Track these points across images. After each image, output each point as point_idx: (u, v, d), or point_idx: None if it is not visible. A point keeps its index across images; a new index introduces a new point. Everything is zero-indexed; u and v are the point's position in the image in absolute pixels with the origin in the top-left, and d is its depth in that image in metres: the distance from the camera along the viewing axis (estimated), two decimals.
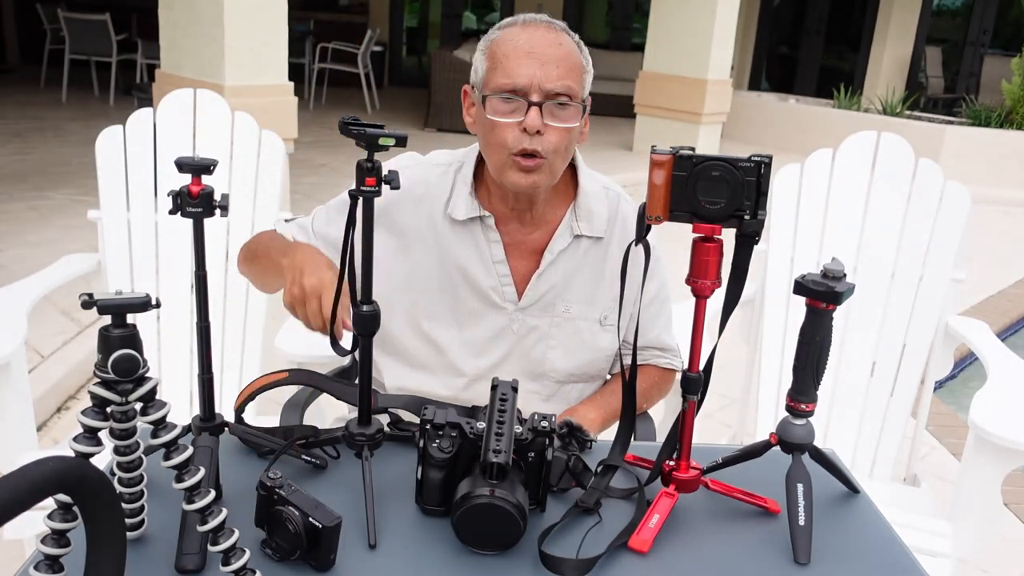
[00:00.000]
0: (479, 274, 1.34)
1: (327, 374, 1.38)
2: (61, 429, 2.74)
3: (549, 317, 1.36)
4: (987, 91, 10.69)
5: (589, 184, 1.37)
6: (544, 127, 1.22)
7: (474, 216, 1.33)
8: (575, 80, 1.24)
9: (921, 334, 1.99)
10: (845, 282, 0.97)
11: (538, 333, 1.36)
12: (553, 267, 1.35)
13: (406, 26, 12.46)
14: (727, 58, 7.55)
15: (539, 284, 1.35)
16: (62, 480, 0.58)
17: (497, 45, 1.25)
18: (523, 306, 1.35)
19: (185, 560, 0.86)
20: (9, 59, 10.70)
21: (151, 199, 2.05)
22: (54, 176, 5.49)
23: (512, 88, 1.22)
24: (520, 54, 1.22)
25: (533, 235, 1.35)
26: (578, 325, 1.37)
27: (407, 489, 1.01)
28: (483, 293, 1.34)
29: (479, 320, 1.36)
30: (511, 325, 1.36)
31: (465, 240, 1.34)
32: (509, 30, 1.26)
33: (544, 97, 1.21)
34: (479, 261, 1.34)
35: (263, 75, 4.62)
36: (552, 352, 1.37)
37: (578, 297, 1.37)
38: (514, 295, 1.35)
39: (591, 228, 1.36)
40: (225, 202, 0.92)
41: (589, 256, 1.37)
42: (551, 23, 1.26)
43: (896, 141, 2.05)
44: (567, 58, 1.23)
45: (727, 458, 1.08)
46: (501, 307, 1.35)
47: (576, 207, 1.35)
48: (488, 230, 1.33)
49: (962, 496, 1.61)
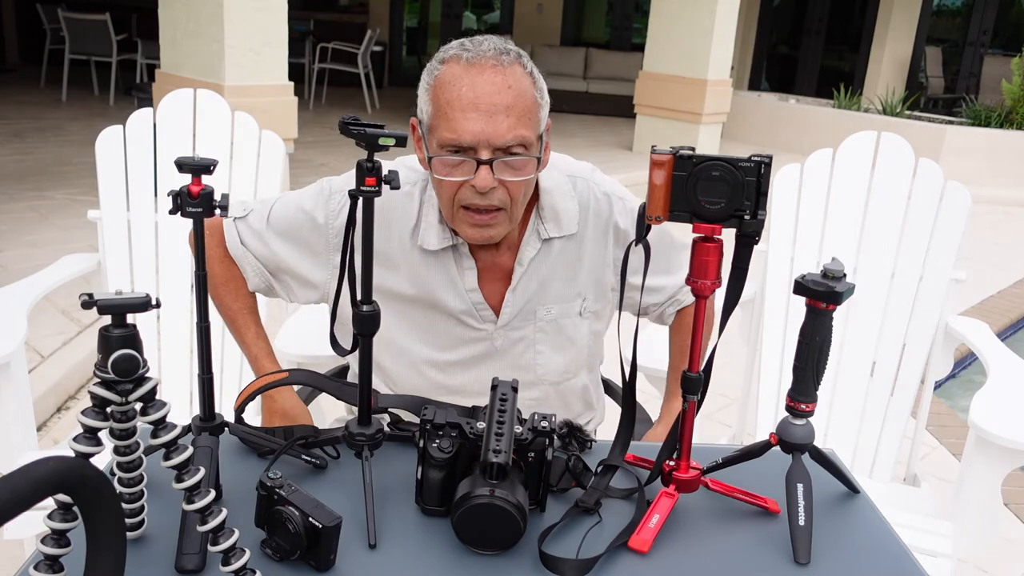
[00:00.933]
0: (452, 302, 1.29)
1: (325, 374, 1.38)
2: (61, 429, 2.74)
3: (532, 324, 1.33)
4: (987, 91, 10.68)
5: (550, 181, 1.29)
6: (497, 183, 1.15)
7: (446, 246, 1.27)
8: (528, 126, 1.14)
9: (921, 334, 1.99)
10: (845, 282, 0.97)
11: (524, 343, 1.34)
12: (527, 277, 1.30)
13: (406, 26, 12.46)
14: (727, 58, 7.55)
15: (515, 298, 1.31)
16: (62, 480, 0.58)
17: (440, 88, 1.15)
18: (503, 323, 1.32)
19: (185, 560, 0.86)
20: (9, 59, 10.70)
21: (151, 199, 2.05)
22: (54, 176, 5.49)
23: (458, 144, 1.13)
24: (464, 105, 1.12)
25: (504, 255, 1.30)
26: (561, 324, 1.34)
27: (407, 489, 1.01)
28: (459, 319, 1.31)
29: (459, 344, 1.32)
30: (494, 343, 1.33)
31: (436, 269, 1.28)
32: (452, 69, 1.15)
33: (495, 152, 1.13)
34: (452, 290, 1.29)
35: (263, 75, 4.62)
36: (541, 356, 1.35)
37: (558, 296, 1.33)
38: (492, 316, 1.31)
39: (559, 228, 1.30)
40: (225, 202, 0.92)
41: (564, 254, 1.32)
42: (499, 59, 1.14)
43: (896, 141, 2.05)
44: (516, 103, 1.13)
45: (727, 458, 1.08)
46: (480, 329, 1.31)
47: (539, 209, 1.29)
48: (461, 257, 1.28)
49: (962, 496, 1.61)
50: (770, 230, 2.11)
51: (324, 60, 9.38)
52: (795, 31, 12.50)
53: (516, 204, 1.20)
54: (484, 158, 1.13)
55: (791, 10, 12.53)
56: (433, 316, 1.31)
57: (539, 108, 1.18)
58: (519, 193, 1.18)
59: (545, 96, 1.20)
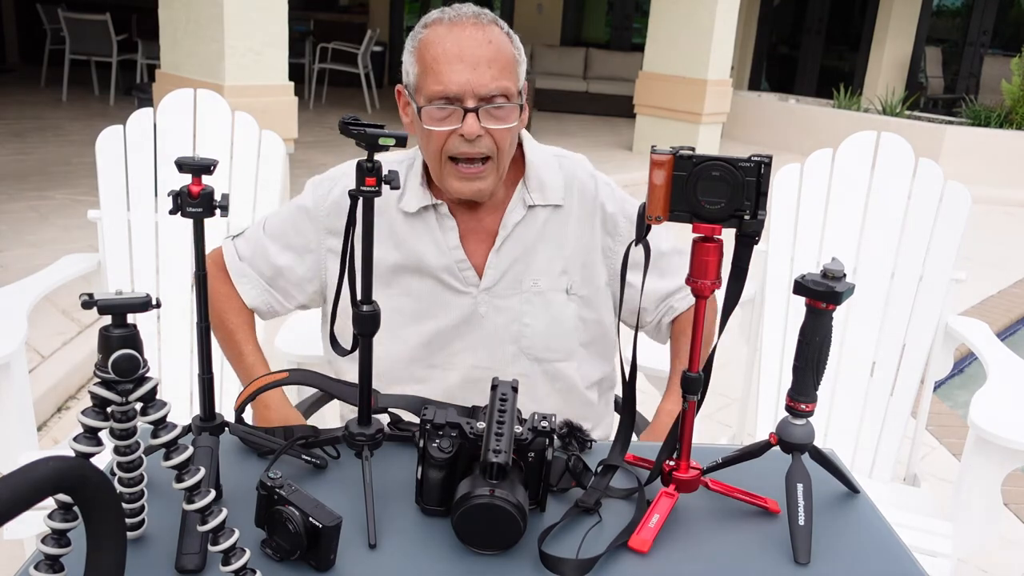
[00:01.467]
0: (436, 259, 1.32)
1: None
2: (61, 429, 2.74)
3: (519, 295, 1.34)
4: (987, 91, 10.68)
5: (537, 156, 1.35)
6: (483, 131, 1.21)
7: (427, 205, 1.31)
8: (509, 78, 1.22)
9: (921, 334, 1.99)
10: (845, 282, 0.97)
11: (510, 313, 1.34)
12: (511, 241, 1.33)
13: (406, 26, 12.46)
14: (727, 58, 7.55)
15: (498, 260, 1.32)
16: (62, 480, 0.58)
17: (425, 47, 1.22)
18: (486, 286, 1.33)
19: (185, 560, 0.86)
20: (9, 59, 10.70)
21: (151, 199, 2.05)
22: (54, 176, 5.49)
23: (445, 95, 1.20)
24: (450, 58, 1.19)
25: (488, 218, 1.33)
26: (549, 297, 1.35)
27: (407, 489, 1.01)
28: (441, 279, 1.32)
29: (442, 309, 1.33)
30: (477, 308, 1.33)
31: (419, 230, 1.32)
32: (435, 29, 1.23)
33: (480, 101, 1.20)
34: (434, 248, 1.32)
35: (263, 75, 4.62)
36: (527, 329, 1.34)
37: (544, 268, 1.34)
38: (475, 277, 1.33)
39: (544, 197, 1.34)
40: (225, 202, 0.92)
41: (550, 225, 1.35)
42: (478, 18, 1.23)
43: (896, 141, 2.05)
44: (498, 56, 1.21)
45: (727, 458, 1.08)
46: (463, 292, 1.33)
47: (526, 179, 1.34)
48: (443, 218, 1.32)
49: (962, 496, 1.61)
50: (770, 230, 2.11)
51: (324, 60, 9.39)
52: (795, 31, 12.50)
53: (502, 154, 1.25)
54: (470, 106, 1.20)
55: (791, 10, 12.53)
56: (417, 282, 1.33)
57: (517, 64, 1.25)
58: (505, 142, 1.24)
59: (522, 56, 1.27)
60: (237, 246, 1.43)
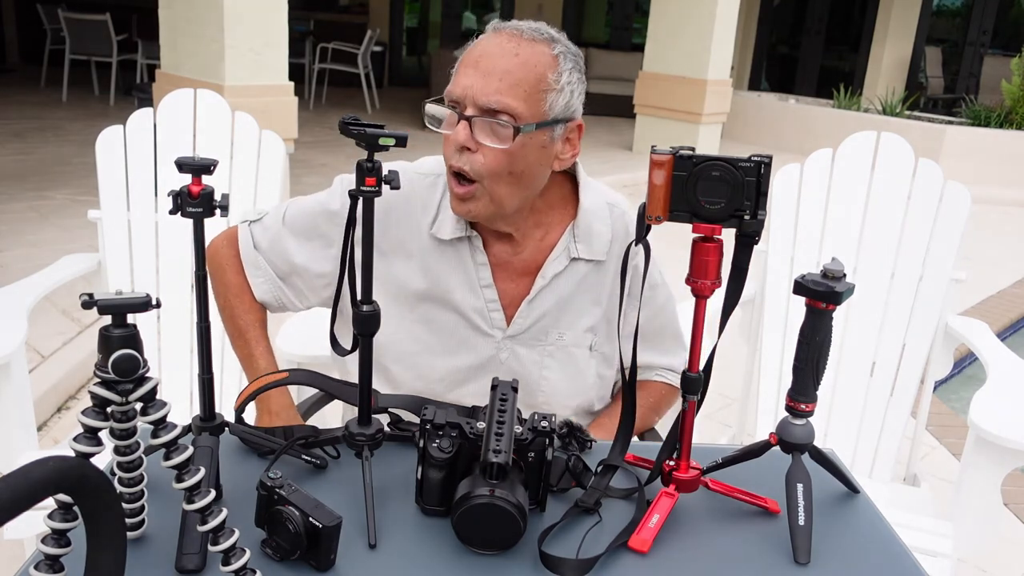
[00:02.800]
0: (465, 297, 1.26)
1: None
2: (61, 429, 2.74)
3: (541, 347, 1.28)
4: (987, 91, 10.69)
5: (591, 201, 1.27)
6: (476, 145, 1.12)
7: (460, 236, 1.25)
8: (520, 98, 1.11)
9: (921, 334, 1.99)
10: (845, 282, 0.97)
11: (531, 363, 1.29)
12: (547, 292, 1.27)
13: (406, 26, 12.46)
14: (727, 58, 7.55)
15: (530, 311, 1.27)
16: (62, 480, 0.58)
17: (465, 51, 1.16)
18: (512, 334, 1.27)
19: (185, 560, 0.86)
20: (9, 59, 10.70)
21: (151, 199, 2.05)
22: (54, 176, 5.49)
23: (451, 97, 1.14)
24: (468, 63, 1.13)
25: (521, 255, 1.27)
26: (571, 352, 1.29)
27: (407, 489, 1.01)
28: (467, 318, 1.27)
29: (463, 348, 1.28)
30: (499, 355, 1.28)
31: (450, 260, 1.26)
32: (483, 35, 1.17)
33: (478, 112, 1.11)
34: (465, 283, 1.26)
35: (263, 75, 4.62)
36: (546, 383, 1.30)
37: (572, 323, 1.29)
38: (502, 321, 1.27)
39: (590, 251, 1.27)
40: (225, 202, 0.92)
41: (588, 280, 1.29)
42: (524, 31, 1.14)
43: (896, 141, 2.05)
44: (517, 72, 1.11)
45: (727, 458, 1.08)
46: (488, 334, 1.27)
47: (575, 227, 1.26)
48: (475, 252, 1.25)
49: (962, 496, 1.61)
50: (770, 230, 2.11)
51: (324, 60, 9.38)
52: (795, 31, 12.50)
53: (497, 183, 1.14)
54: (467, 114, 1.12)
55: (791, 10, 12.53)
56: (441, 314, 1.28)
57: (547, 91, 1.13)
58: (497, 167, 1.13)
59: (562, 84, 1.14)
60: (254, 233, 1.34)
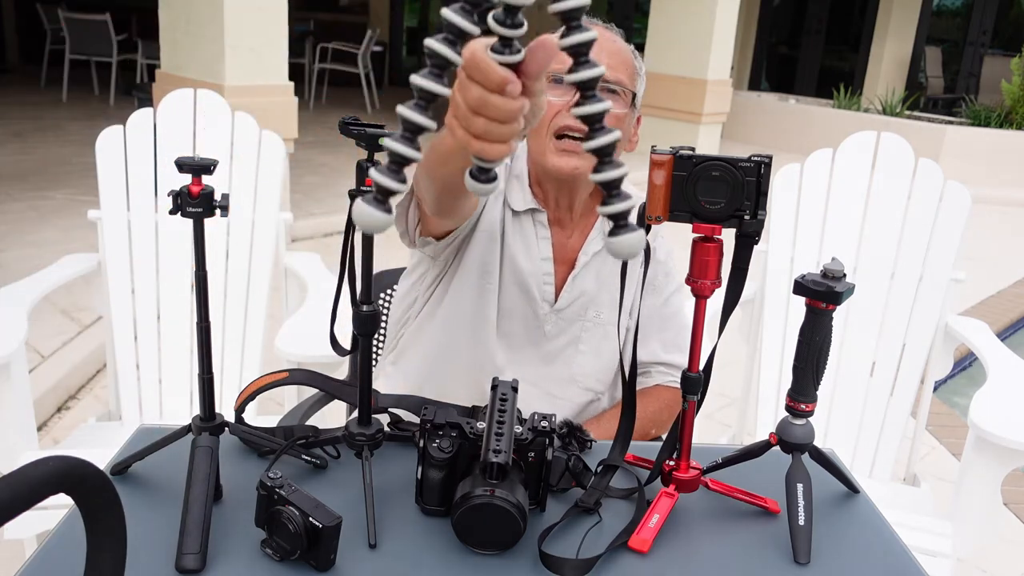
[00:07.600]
0: (525, 266, 1.35)
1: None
2: (61, 429, 2.74)
3: (580, 322, 1.38)
4: (987, 91, 10.69)
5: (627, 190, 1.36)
6: None
7: (530, 208, 1.34)
8: (626, 75, 1.29)
9: (921, 334, 1.99)
10: (845, 282, 0.97)
11: (568, 336, 1.37)
12: (587, 270, 1.36)
13: (406, 26, 12.46)
14: (727, 58, 7.55)
15: (573, 287, 1.36)
16: (62, 480, 0.58)
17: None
18: (558, 308, 1.36)
19: (185, 560, 0.86)
20: (9, 59, 10.70)
21: (151, 199, 2.05)
22: (54, 176, 5.49)
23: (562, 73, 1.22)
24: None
25: (571, 240, 1.37)
26: (608, 331, 1.38)
27: (407, 489, 1.01)
28: (526, 286, 1.35)
29: (515, 314, 1.36)
30: (543, 326, 1.37)
31: (519, 231, 1.35)
32: None
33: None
34: (527, 253, 1.35)
35: (263, 75, 4.62)
36: (581, 356, 1.38)
37: (610, 302, 1.38)
38: (551, 295, 1.36)
39: None
40: (225, 202, 0.92)
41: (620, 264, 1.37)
42: (604, 25, 1.32)
43: (896, 141, 2.05)
44: (620, 54, 1.29)
45: (727, 458, 1.08)
46: (539, 304, 1.36)
47: None
48: (539, 226, 1.35)
49: (962, 496, 1.61)
50: (770, 230, 2.11)
51: (324, 60, 9.39)
52: (795, 31, 12.49)
53: None
54: None
55: (791, 10, 12.53)
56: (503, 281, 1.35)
57: (636, 75, 1.32)
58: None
59: (643, 73, 1.34)
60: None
